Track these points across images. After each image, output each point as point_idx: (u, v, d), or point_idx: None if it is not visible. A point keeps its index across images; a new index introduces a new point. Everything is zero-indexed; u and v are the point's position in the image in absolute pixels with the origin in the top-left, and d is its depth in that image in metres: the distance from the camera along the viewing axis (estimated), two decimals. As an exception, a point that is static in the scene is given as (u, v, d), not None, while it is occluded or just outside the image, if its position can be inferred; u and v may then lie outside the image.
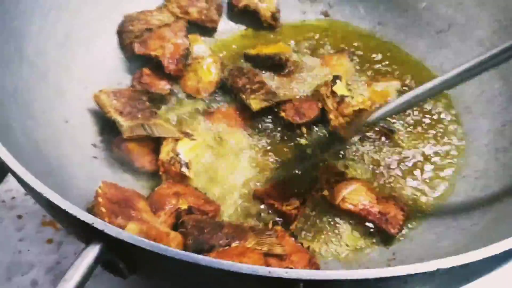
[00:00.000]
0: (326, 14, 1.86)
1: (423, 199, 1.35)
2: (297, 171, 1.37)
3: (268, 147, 1.42)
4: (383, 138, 1.46)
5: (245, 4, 1.77)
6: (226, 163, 1.37)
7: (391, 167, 1.40)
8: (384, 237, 1.26)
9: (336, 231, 1.27)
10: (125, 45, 1.59)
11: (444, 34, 1.68)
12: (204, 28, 1.74)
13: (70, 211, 0.79)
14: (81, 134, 1.37)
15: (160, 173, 1.32)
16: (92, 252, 0.77)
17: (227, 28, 1.80)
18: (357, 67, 1.66)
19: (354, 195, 1.28)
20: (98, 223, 0.76)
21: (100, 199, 1.06)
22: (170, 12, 1.69)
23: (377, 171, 1.39)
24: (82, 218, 0.78)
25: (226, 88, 1.55)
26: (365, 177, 1.37)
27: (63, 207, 0.80)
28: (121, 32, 1.61)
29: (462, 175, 1.39)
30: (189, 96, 1.54)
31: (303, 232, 1.26)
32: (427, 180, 1.39)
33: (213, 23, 1.74)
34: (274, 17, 1.77)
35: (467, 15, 1.62)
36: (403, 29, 1.74)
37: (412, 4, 1.75)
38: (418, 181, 1.38)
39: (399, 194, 1.34)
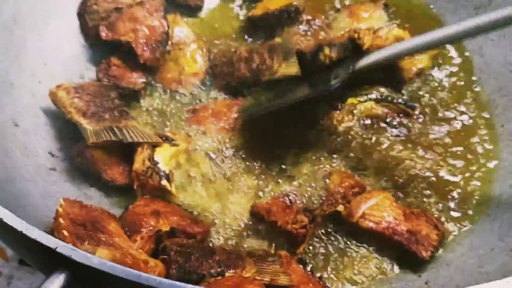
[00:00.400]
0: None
1: (459, 214, 1.38)
2: (303, 181, 1.39)
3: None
4: (400, 120, 1.51)
5: None
6: (218, 171, 1.40)
7: (417, 173, 1.43)
8: (414, 262, 1.28)
9: (354, 256, 1.29)
10: (87, 29, 1.61)
11: (484, 9, 1.70)
12: (186, 6, 1.77)
13: (28, 233, 0.81)
14: (35, 140, 1.39)
15: (135, 187, 1.34)
16: (55, 284, 0.79)
17: (212, 5, 1.82)
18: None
19: (376, 211, 1.30)
20: (63, 247, 0.79)
21: (61, 221, 1.08)
22: None
23: (400, 179, 1.42)
24: (43, 242, 0.80)
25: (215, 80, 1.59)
26: (386, 187, 1.41)
27: (18, 228, 0.82)
28: (83, 13, 1.63)
29: (509, 184, 1.42)
30: (168, 91, 1.57)
31: (313, 258, 1.28)
32: (463, 191, 1.42)
33: (197, 1, 1.77)
34: None
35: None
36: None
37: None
38: (452, 190, 1.41)
39: (429, 208, 1.37)
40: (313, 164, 1.44)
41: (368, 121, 1.50)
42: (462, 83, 1.63)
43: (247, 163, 1.43)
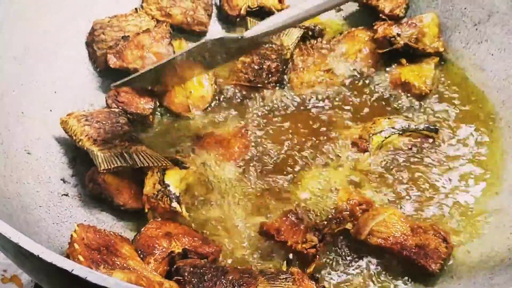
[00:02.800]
0: (338, 9, 1.92)
1: (469, 226, 1.38)
2: (311, 199, 1.40)
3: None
4: (425, 143, 1.52)
5: (245, 8, 1.82)
6: (225, 194, 1.41)
7: (426, 188, 1.44)
8: (425, 276, 1.27)
9: (366, 272, 1.29)
10: (96, 58, 1.64)
11: (483, 25, 1.73)
12: (191, 32, 1.79)
13: (44, 257, 0.82)
14: (47, 167, 1.41)
15: (146, 210, 1.35)
16: (72, 306, 0.80)
17: (218, 31, 1.85)
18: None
19: (384, 227, 1.31)
20: (79, 270, 0.79)
21: (76, 246, 1.09)
22: (148, 15, 1.75)
23: (409, 194, 1.43)
24: (59, 265, 0.81)
25: (223, 103, 1.61)
26: (393, 202, 1.41)
27: (35, 252, 0.82)
28: (91, 42, 1.66)
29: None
30: (177, 116, 1.59)
31: (325, 274, 1.29)
32: (470, 202, 1.42)
33: (202, 26, 1.80)
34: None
35: (510, 1, 1.67)
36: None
37: (442, -10, 1.81)
38: (460, 204, 1.42)
39: (439, 221, 1.37)
40: (319, 181, 1.44)
41: (393, 154, 1.52)
42: (466, 98, 1.65)
43: (252, 182, 1.45)
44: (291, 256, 1.28)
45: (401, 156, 1.50)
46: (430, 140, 1.53)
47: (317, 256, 1.27)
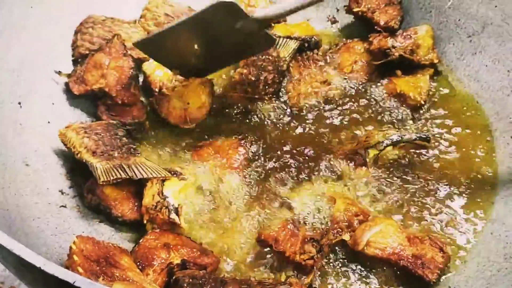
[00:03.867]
0: (333, 21, 1.94)
1: (465, 236, 1.39)
2: (307, 207, 1.40)
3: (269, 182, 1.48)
4: (418, 153, 1.54)
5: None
6: (223, 204, 1.42)
7: (421, 198, 1.45)
8: (422, 286, 1.28)
9: (363, 283, 1.30)
10: (75, 47, 1.65)
11: (477, 37, 1.74)
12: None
13: (46, 269, 0.82)
14: (45, 179, 1.41)
15: (145, 221, 1.35)
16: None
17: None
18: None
19: (381, 238, 1.31)
20: (81, 281, 0.79)
21: (75, 258, 1.09)
22: (144, 29, 1.76)
23: (405, 206, 1.44)
24: (61, 277, 0.81)
25: (221, 114, 1.61)
26: (390, 213, 1.42)
27: (37, 264, 0.82)
28: (78, 31, 1.66)
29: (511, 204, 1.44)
30: (175, 127, 1.59)
31: (323, 284, 1.29)
32: (466, 212, 1.43)
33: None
34: None
35: (504, 12, 1.68)
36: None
37: (436, 3, 1.83)
38: (456, 213, 1.43)
39: (435, 232, 1.38)
40: (316, 193, 1.44)
41: (389, 166, 1.53)
42: (461, 109, 1.67)
43: (250, 192, 1.45)
44: (289, 266, 1.29)
45: (397, 167, 1.51)
46: (423, 150, 1.55)
47: (315, 268, 1.28)
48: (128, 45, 1.62)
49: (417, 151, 1.55)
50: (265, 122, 1.62)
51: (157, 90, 1.63)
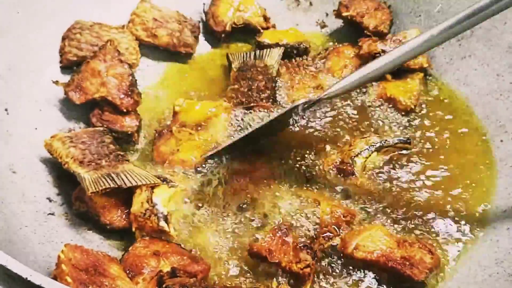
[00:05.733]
0: (323, 25, 1.94)
1: (455, 240, 1.38)
2: (292, 212, 1.40)
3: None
4: (402, 157, 1.55)
5: (230, 24, 1.84)
6: (212, 211, 1.40)
7: (411, 203, 1.45)
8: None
9: (356, 285, 1.29)
10: (63, 53, 1.63)
11: (466, 41, 1.75)
12: (177, 54, 1.80)
13: (33, 280, 0.80)
14: (33, 186, 1.39)
15: (133, 229, 1.33)
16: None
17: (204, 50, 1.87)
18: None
19: (370, 242, 1.31)
20: (69, 293, 0.78)
21: (64, 267, 1.07)
22: (133, 35, 1.75)
23: (394, 211, 1.43)
24: (48, 288, 0.79)
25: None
26: (379, 219, 1.42)
27: (23, 275, 0.81)
28: (66, 37, 1.65)
29: (503, 209, 1.43)
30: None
31: (315, 288, 1.29)
32: (458, 216, 1.43)
33: (188, 48, 1.80)
34: (266, 17, 1.89)
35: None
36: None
37: (425, 7, 1.83)
38: (448, 219, 1.42)
39: (425, 236, 1.38)
40: (298, 195, 1.44)
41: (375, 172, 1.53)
42: (451, 113, 1.67)
43: (236, 199, 1.44)
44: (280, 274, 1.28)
45: (383, 173, 1.51)
46: (406, 152, 1.56)
47: (311, 276, 1.28)
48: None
49: (400, 154, 1.55)
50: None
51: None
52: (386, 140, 1.53)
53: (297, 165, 1.52)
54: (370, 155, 1.50)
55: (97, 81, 1.55)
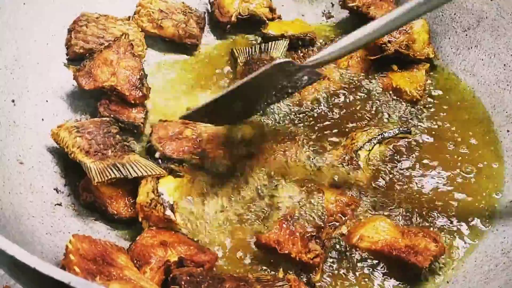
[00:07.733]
0: (328, 16, 1.92)
1: (462, 231, 1.38)
2: (297, 202, 1.39)
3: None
4: (405, 148, 1.54)
5: (236, 15, 1.82)
6: (220, 201, 1.40)
7: (418, 195, 1.44)
8: (420, 282, 1.27)
9: (361, 277, 1.29)
10: (69, 46, 1.63)
11: (472, 31, 1.74)
12: (182, 45, 1.79)
13: (41, 269, 0.80)
14: (40, 177, 1.39)
15: (140, 219, 1.33)
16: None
17: (210, 42, 1.86)
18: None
19: (374, 232, 1.31)
20: (77, 282, 0.78)
21: (72, 257, 1.07)
22: (139, 26, 1.74)
23: (400, 205, 1.42)
24: (56, 277, 0.79)
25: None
26: (384, 211, 1.41)
27: (31, 264, 0.81)
28: (72, 29, 1.64)
29: (510, 199, 1.43)
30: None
31: (321, 278, 1.28)
32: (465, 208, 1.42)
33: (193, 39, 1.79)
34: (271, 8, 1.88)
35: (499, 6, 1.69)
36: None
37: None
38: (454, 209, 1.42)
39: (431, 227, 1.38)
40: (302, 185, 1.43)
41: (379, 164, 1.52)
42: (457, 103, 1.67)
43: (240, 190, 1.43)
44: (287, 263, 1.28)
45: (387, 165, 1.50)
46: (406, 142, 1.55)
47: (321, 265, 1.28)
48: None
49: (402, 145, 1.54)
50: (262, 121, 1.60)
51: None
52: (386, 132, 1.53)
53: (301, 157, 1.51)
54: (372, 148, 1.50)
55: (108, 70, 1.54)
